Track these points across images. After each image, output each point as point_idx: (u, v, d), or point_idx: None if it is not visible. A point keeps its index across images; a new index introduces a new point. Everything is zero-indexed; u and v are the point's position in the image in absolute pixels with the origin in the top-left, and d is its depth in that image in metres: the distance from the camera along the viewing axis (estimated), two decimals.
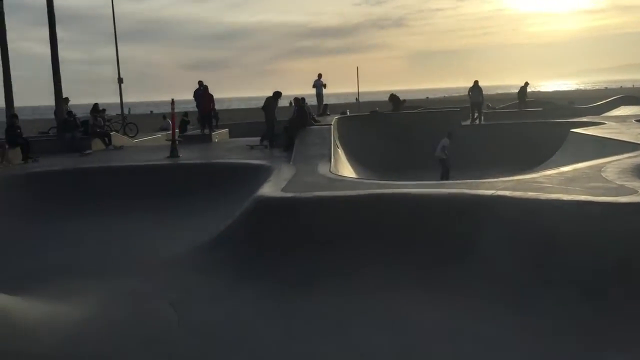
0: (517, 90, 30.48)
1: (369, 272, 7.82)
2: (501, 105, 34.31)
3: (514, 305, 6.77)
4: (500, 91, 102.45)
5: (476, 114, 24.01)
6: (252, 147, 17.24)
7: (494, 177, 10.02)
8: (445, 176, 17.55)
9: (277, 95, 18.18)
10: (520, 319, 6.52)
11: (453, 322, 6.63)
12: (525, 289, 6.94)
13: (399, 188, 9.50)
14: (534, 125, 21.44)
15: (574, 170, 10.29)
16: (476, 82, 24.01)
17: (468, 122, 23.75)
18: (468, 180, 9.98)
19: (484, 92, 24.56)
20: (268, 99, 18.12)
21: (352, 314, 7.00)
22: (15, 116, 17.40)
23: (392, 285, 7.48)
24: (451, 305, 6.98)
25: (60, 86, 19.83)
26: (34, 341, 6.08)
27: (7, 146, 15.65)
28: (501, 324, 6.48)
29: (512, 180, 9.45)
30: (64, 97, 20.05)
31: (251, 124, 26.85)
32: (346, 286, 7.63)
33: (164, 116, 31.31)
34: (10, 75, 19.13)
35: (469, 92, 24.43)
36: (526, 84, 29.21)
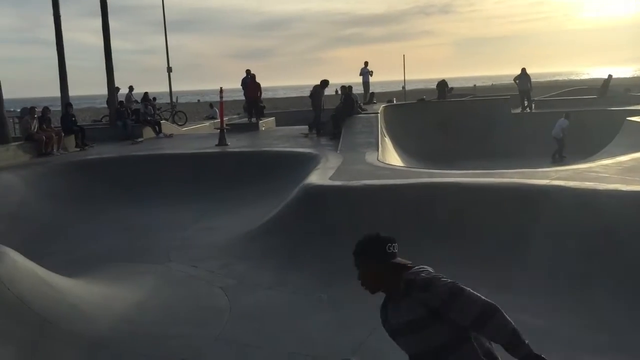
0: (566, 78, 29.49)
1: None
2: (552, 93, 33.32)
3: (571, 299, 6.57)
4: (549, 78, 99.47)
5: (526, 102, 23.47)
6: (306, 135, 17.26)
7: (546, 167, 9.76)
8: (559, 154, 18.38)
9: (325, 83, 18.18)
10: (579, 313, 6.33)
11: (511, 316, 6.46)
12: (583, 282, 6.72)
13: (450, 177, 9.34)
14: (588, 113, 20.70)
15: (633, 159, 9.91)
16: (523, 70, 23.48)
17: (519, 110, 23.18)
18: (521, 170, 9.74)
19: (532, 80, 23.98)
20: (315, 87, 18.15)
21: None
22: (70, 105, 17.96)
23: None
24: (506, 298, 6.81)
25: (112, 76, 20.36)
26: (92, 323, 6.28)
27: (63, 134, 16.18)
28: (559, 318, 6.30)
29: (567, 169, 9.17)
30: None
31: (296, 112, 26.93)
32: None
33: (211, 105, 31.73)
34: (65, 65, 19.77)
35: (515, 80, 23.83)
36: (610, 76, 28.15)
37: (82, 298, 6.77)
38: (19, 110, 24.18)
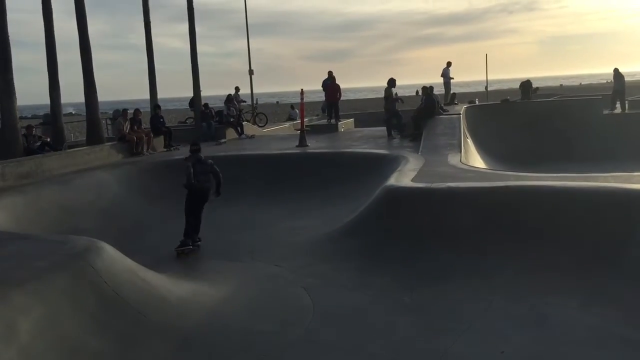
0: None
1: (506, 270, 7.44)
2: None
3: None
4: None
5: (618, 103, 22.30)
6: (392, 137, 17.13)
7: None
8: None
9: (390, 82, 18.06)
10: None
11: (603, 327, 6.12)
12: None
13: (539, 181, 8.97)
14: None
15: None
16: (616, 70, 22.59)
17: (608, 111, 21.97)
18: (616, 174, 9.22)
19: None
20: (386, 88, 18.14)
21: (488, 312, 6.69)
22: (159, 106, 18.72)
23: (533, 285, 7.05)
24: (600, 309, 6.46)
25: (198, 79, 21.08)
26: (181, 316, 6.49)
27: (152, 135, 16.89)
28: None
29: None
30: None
31: (374, 113, 26.78)
32: (481, 282, 7.31)
33: (292, 106, 32.21)
34: (154, 69, 20.64)
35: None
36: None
37: (172, 292, 7.02)
38: (111, 112, 25.54)
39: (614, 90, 22.45)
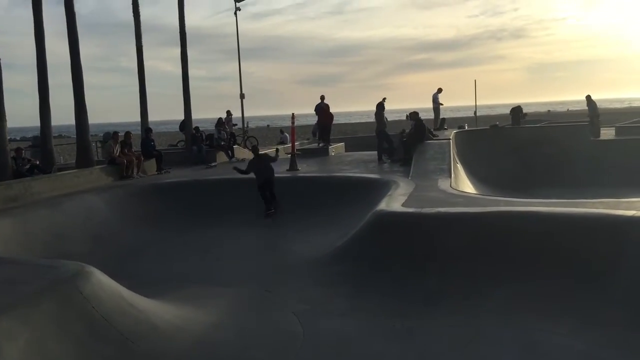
0: None
1: (496, 295, 7.44)
2: (635, 119, 31.76)
3: None
4: (631, 104, 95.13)
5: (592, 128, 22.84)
6: (383, 161, 17.21)
7: (632, 197, 9.26)
8: None
9: (378, 105, 18.22)
10: None
11: (594, 353, 6.12)
12: None
13: (528, 206, 9.02)
14: None
15: None
16: (589, 97, 23.27)
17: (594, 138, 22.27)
18: (604, 200, 9.29)
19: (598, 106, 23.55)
20: (376, 112, 18.33)
21: (479, 338, 6.68)
22: (150, 130, 18.72)
23: (523, 310, 7.06)
24: (590, 335, 6.46)
25: (189, 102, 21.13)
26: (170, 342, 6.41)
27: (142, 158, 16.86)
28: None
29: None
30: None
31: (365, 137, 26.93)
32: (470, 308, 7.32)
33: (282, 130, 32.37)
34: (145, 92, 20.69)
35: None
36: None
37: (161, 318, 6.93)
38: (101, 135, 25.50)
39: (590, 117, 22.95)
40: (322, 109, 21.05)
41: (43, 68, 16.33)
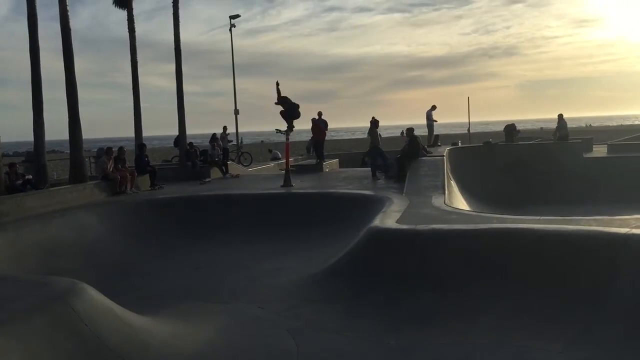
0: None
1: (489, 313, 7.42)
2: (626, 137, 32.06)
3: None
4: (624, 122, 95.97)
5: None
6: (377, 178, 17.24)
7: (625, 214, 9.29)
8: None
9: (372, 122, 18.36)
10: None
11: None
12: None
13: (522, 223, 9.04)
14: None
15: None
16: (560, 115, 23.84)
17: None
18: (598, 217, 9.32)
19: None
20: (369, 129, 18.49)
21: (473, 356, 6.65)
22: (144, 145, 18.71)
23: (517, 328, 7.03)
24: (584, 353, 6.45)
25: (183, 117, 21.16)
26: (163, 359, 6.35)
27: (136, 173, 16.83)
28: None
29: None
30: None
31: (359, 154, 27.03)
32: (465, 325, 7.29)
33: (270, 150, 32.68)
34: (140, 108, 20.74)
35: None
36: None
37: (154, 335, 6.88)
38: (93, 150, 25.44)
39: (560, 136, 23.35)
40: (316, 125, 21.09)
41: (37, 83, 16.35)
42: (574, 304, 7.14)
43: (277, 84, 16.42)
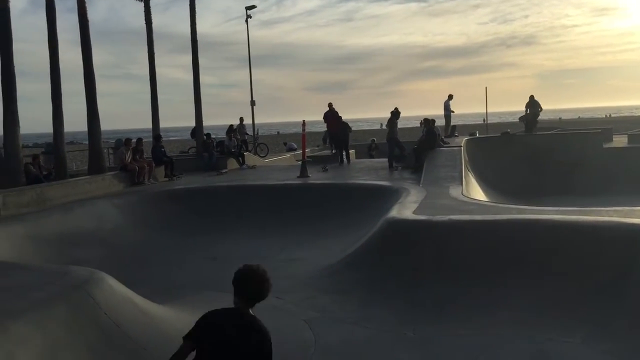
0: None
1: (508, 304, 7.37)
2: None
3: None
4: None
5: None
6: (394, 169, 17.17)
7: None
8: None
9: (393, 113, 18.15)
10: None
11: None
12: None
13: (541, 214, 8.95)
14: None
15: None
16: (532, 97, 22.91)
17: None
18: (617, 208, 9.20)
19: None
20: (389, 119, 18.28)
21: (492, 348, 6.61)
22: (160, 137, 18.80)
23: (536, 319, 6.98)
24: (603, 345, 6.38)
25: (200, 109, 21.22)
26: None
27: (154, 164, 16.93)
28: None
29: None
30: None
31: (379, 144, 26.88)
32: (484, 317, 7.25)
33: (285, 143, 32.83)
34: (157, 99, 20.81)
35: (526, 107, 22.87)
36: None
37: (172, 325, 6.91)
38: (112, 141, 25.66)
39: (532, 114, 22.68)
40: (329, 117, 20.85)
41: (56, 75, 16.48)
42: (593, 296, 7.07)
43: None
